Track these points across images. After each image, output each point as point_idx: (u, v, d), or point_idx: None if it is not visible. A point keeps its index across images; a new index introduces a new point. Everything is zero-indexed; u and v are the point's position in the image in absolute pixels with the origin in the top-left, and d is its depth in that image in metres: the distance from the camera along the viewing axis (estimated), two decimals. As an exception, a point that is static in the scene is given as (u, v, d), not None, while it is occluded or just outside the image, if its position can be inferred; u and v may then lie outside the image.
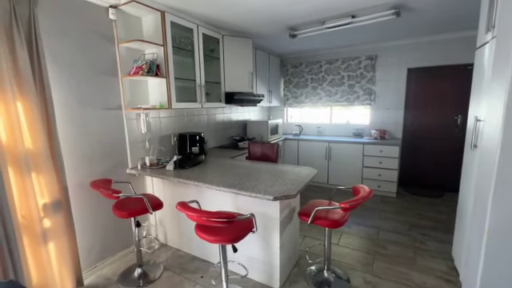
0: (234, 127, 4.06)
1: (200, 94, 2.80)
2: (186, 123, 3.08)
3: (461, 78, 3.67)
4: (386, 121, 4.17)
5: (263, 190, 1.72)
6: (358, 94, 4.29)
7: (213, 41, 3.05)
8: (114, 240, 2.32)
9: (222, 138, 3.78)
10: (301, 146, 4.39)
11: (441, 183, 3.97)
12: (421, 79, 3.92)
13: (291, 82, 4.87)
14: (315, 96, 4.66)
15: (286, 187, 1.77)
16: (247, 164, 2.49)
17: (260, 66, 4.03)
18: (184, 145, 2.80)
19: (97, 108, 2.12)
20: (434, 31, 3.42)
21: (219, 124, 3.71)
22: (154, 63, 2.29)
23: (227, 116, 3.89)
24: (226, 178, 2.02)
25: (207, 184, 1.89)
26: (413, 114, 4.03)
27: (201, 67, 2.80)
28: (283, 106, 5.06)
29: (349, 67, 4.29)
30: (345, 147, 4.01)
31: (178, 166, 2.34)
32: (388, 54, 4.00)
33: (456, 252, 2.17)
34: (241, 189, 1.75)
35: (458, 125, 3.76)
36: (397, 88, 4.02)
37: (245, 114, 4.35)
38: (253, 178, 1.99)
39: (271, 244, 1.94)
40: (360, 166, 3.92)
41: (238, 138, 3.81)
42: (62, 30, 1.86)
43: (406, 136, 4.09)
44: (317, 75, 4.59)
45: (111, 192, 1.75)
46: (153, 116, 2.63)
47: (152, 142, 2.61)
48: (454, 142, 3.81)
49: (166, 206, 2.41)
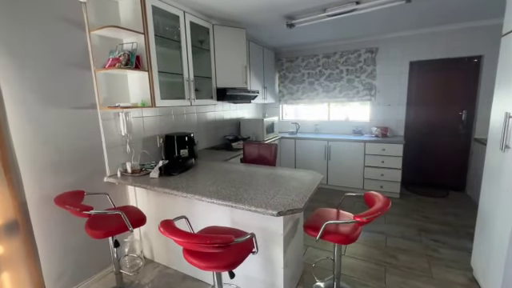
0: (226, 126, 3.77)
1: (189, 89, 2.50)
2: (173, 123, 2.77)
3: (466, 71, 3.49)
4: (387, 117, 3.96)
5: (264, 202, 1.45)
6: (357, 89, 4.06)
7: (202, 31, 2.74)
8: (90, 260, 2.01)
9: (214, 138, 3.48)
10: (298, 145, 4.14)
11: (445, 182, 3.80)
12: (424, 73, 3.72)
13: (287, 78, 4.60)
14: (312, 92, 4.41)
15: (291, 198, 1.51)
16: (243, 168, 2.22)
17: (254, 59, 3.74)
18: (171, 147, 2.50)
19: (64, 107, 1.79)
20: (440, 21, 3.21)
21: (211, 123, 3.41)
22: (133, 54, 1.98)
23: (219, 114, 3.60)
24: (220, 186, 1.74)
25: (197, 195, 1.61)
26: (415, 110, 3.84)
27: (189, 60, 2.49)
28: (278, 102, 4.79)
29: (348, 61, 4.05)
30: (345, 146, 3.78)
31: (163, 173, 2.04)
32: (389, 47, 3.78)
33: (477, 262, 1.97)
34: (238, 201, 1.48)
35: (463, 121, 3.58)
36: (398, 82, 3.81)
37: (238, 111, 4.06)
38: (250, 187, 1.72)
39: (274, 262, 1.68)
40: (361, 165, 3.71)
41: (231, 138, 3.52)
42: (15, 14, 1.52)
43: (408, 133, 3.90)
44: (314, 70, 4.34)
45: (79, 209, 1.44)
46: (135, 115, 2.32)
47: (134, 145, 2.29)
48: (459, 138, 3.64)
49: (152, 218, 2.12)
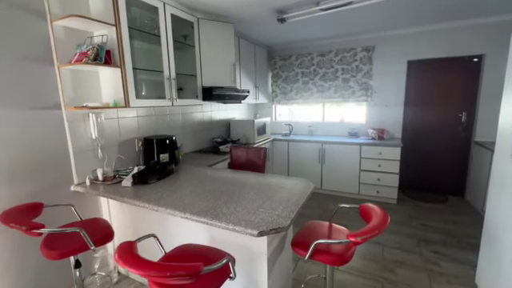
0: (215, 128, 3.56)
1: (170, 88, 2.29)
2: (155, 124, 2.56)
3: (466, 71, 3.33)
4: (384, 119, 3.79)
5: (245, 218, 1.26)
6: (353, 90, 3.89)
7: (186, 25, 2.53)
8: (52, 281, 1.79)
9: (201, 141, 3.28)
10: (291, 148, 3.95)
11: (443, 187, 3.65)
12: (422, 73, 3.55)
13: (280, 77, 4.41)
14: (306, 92, 4.23)
15: (276, 213, 1.31)
16: (227, 175, 2.02)
17: (245, 57, 3.54)
18: (151, 151, 2.29)
19: (20, 107, 1.57)
20: (439, 18, 3.04)
21: (197, 124, 3.20)
22: (102, 48, 1.76)
23: (208, 115, 3.39)
24: (198, 197, 1.54)
25: (170, 209, 1.40)
26: (413, 112, 3.67)
27: (170, 56, 2.28)
28: (271, 102, 4.59)
29: (343, 60, 3.88)
30: (340, 149, 3.60)
31: (138, 181, 1.83)
32: (387, 45, 3.61)
33: (482, 279, 1.80)
34: (214, 217, 1.28)
35: (463, 123, 3.43)
36: (396, 83, 3.64)
37: (229, 112, 3.86)
38: (233, 198, 1.52)
39: (258, 286, 1.48)
40: (357, 169, 3.53)
41: (219, 141, 3.32)
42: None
43: (406, 135, 3.74)
44: (308, 69, 4.15)
45: (27, 227, 1.22)
46: (110, 116, 2.10)
47: (108, 149, 2.08)
48: (458, 141, 3.48)
49: (128, 230, 1.91)
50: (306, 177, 3.93)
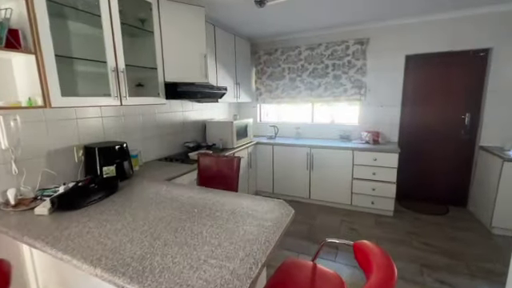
0: (189, 130, 3.10)
1: (116, 84, 1.81)
2: (103, 128, 2.09)
3: (471, 67, 2.97)
4: (379, 120, 3.41)
5: (180, 280, 0.81)
6: (345, 87, 3.49)
7: (143, 6, 2.06)
8: None
9: (170, 146, 2.81)
10: (276, 152, 3.52)
11: (443, 195, 3.29)
12: (422, 69, 3.18)
13: (264, 73, 3.97)
14: (294, 89, 3.80)
15: (230, 267, 0.88)
16: (186, 195, 1.57)
17: (223, 49, 3.09)
18: (93, 163, 1.82)
19: None
20: (442, 7, 2.66)
21: (166, 127, 2.73)
22: (3, 26, 1.28)
23: (179, 116, 2.92)
24: (130, 235, 1.09)
25: (76, 260, 0.95)
26: (411, 112, 3.30)
27: (117, 42, 1.80)
28: (256, 101, 4.15)
29: (334, 54, 3.47)
30: (330, 154, 3.19)
31: (58, 207, 1.36)
32: (382, 37, 3.22)
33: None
34: (135, 278, 0.83)
35: (466, 125, 3.07)
36: (393, 80, 3.26)
37: (206, 112, 3.40)
38: (178, 236, 1.08)
39: None
40: (349, 177, 3.13)
41: (192, 146, 2.86)
42: None
43: (403, 139, 3.36)
44: (295, 64, 3.73)
45: None
46: (32, 119, 1.62)
47: (29, 162, 1.60)
48: (461, 145, 3.13)
49: (51, 276, 1.44)
50: (292, 185, 3.54)
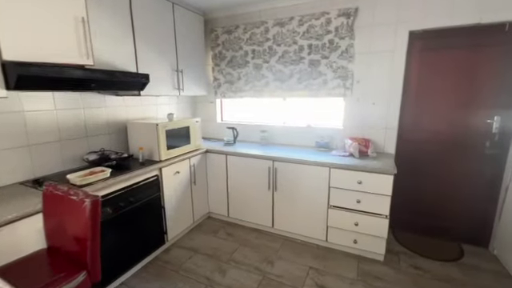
0: (110, 133, 2.22)
1: None
2: None
3: (503, 49, 2.02)
4: (369, 123, 2.48)
5: None
6: (324, 78, 2.55)
7: None
8: None
9: (68, 157, 1.92)
10: (232, 164, 2.62)
11: (456, 230, 2.38)
12: (432, 52, 2.23)
13: (223, 58, 3.03)
14: (259, 80, 2.87)
15: None
16: None
17: (147, 19, 2.17)
18: None
19: None
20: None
21: (70, 129, 1.84)
22: None
23: (95, 113, 2.04)
24: None
25: None
26: (415, 113, 2.37)
27: None
28: (214, 95, 3.23)
29: (310, 31, 2.52)
30: (299, 170, 2.29)
31: None
32: (376, 7, 2.27)
33: None
34: None
35: (493, 133, 2.13)
36: (390, 67, 2.32)
37: (141, 109, 2.50)
38: None
39: None
40: (324, 204, 2.23)
41: (93, 159, 1.97)
42: None
43: (402, 149, 2.44)
44: (261, 45, 2.79)
45: None
46: None
47: None
48: (484, 161, 2.20)
49: None
50: (252, 209, 2.52)
